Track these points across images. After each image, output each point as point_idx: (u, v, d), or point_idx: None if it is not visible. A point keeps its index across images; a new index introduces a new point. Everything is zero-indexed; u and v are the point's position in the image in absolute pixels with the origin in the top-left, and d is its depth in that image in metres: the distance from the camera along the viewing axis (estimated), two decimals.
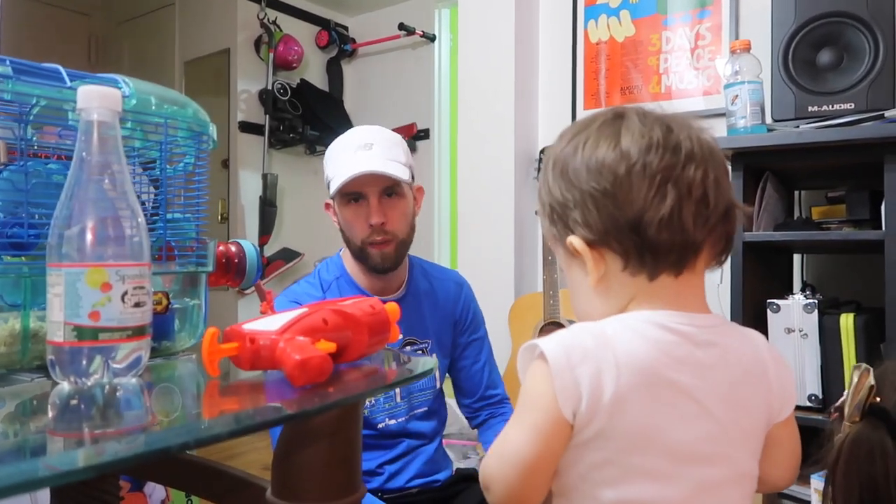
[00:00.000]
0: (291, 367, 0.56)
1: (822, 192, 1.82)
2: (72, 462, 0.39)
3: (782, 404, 0.66)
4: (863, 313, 1.47)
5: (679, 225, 0.60)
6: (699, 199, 0.60)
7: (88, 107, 0.58)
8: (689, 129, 0.63)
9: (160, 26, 3.94)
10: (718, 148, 0.64)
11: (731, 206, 0.62)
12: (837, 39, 1.61)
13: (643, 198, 0.60)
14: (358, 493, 0.64)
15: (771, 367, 0.65)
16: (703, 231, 0.61)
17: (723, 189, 0.61)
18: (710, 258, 0.64)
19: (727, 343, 0.64)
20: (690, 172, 0.60)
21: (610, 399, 0.58)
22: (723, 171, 0.63)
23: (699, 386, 0.61)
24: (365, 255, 1.22)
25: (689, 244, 0.61)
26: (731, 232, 0.63)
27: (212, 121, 0.82)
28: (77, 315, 0.55)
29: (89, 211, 0.56)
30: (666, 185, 0.60)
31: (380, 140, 1.21)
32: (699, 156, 0.61)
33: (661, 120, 0.63)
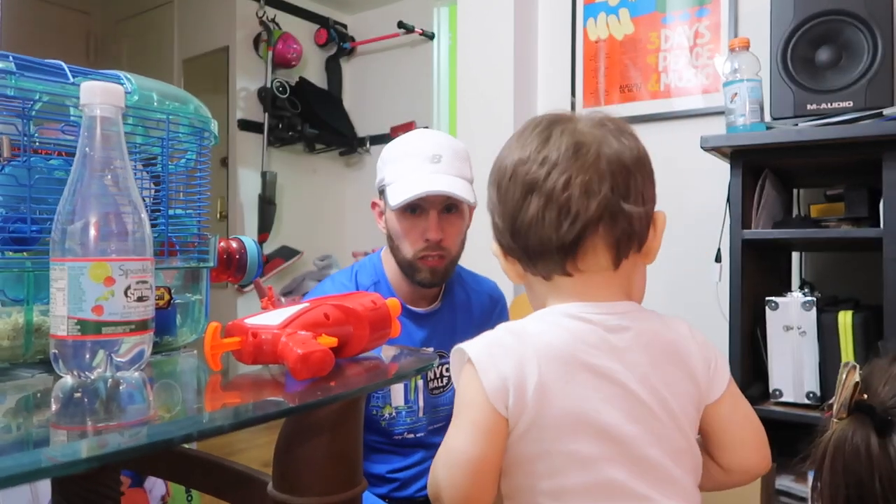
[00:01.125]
0: (293, 362, 0.56)
1: (820, 190, 1.82)
2: (74, 453, 0.40)
3: (709, 385, 0.68)
4: (861, 311, 1.47)
5: (543, 230, 0.64)
6: (562, 204, 0.63)
7: (91, 102, 0.58)
8: (568, 138, 0.65)
9: (159, 24, 3.94)
10: (611, 153, 0.65)
11: (613, 209, 0.64)
12: (836, 37, 1.61)
13: (514, 206, 0.66)
14: (358, 486, 0.64)
15: (693, 350, 0.67)
16: (572, 233, 0.64)
17: (592, 194, 0.63)
18: (607, 256, 0.66)
19: (641, 326, 0.66)
20: (552, 181, 0.64)
21: (534, 389, 0.61)
22: (599, 177, 0.64)
23: (617, 369, 0.63)
24: (414, 268, 1.16)
25: (560, 247, 0.64)
26: (619, 232, 0.65)
27: (214, 120, 0.82)
28: (80, 309, 0.55)
29: (92, 206, 0.57)
30: (531, 193, 0.65)
31: (448, 153, 1.15)
32: (563, 165, 0.64)
33: (545, 133, 0.67)
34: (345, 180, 4.02)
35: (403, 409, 1.22)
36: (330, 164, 3.97)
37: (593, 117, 0.69)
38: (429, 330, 1.23)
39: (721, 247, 1.91)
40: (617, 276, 0.67)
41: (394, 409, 1.22)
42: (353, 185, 3.96)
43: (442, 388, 1.27)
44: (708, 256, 2.03)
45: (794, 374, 1.52)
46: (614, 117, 0.70)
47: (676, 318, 0.70)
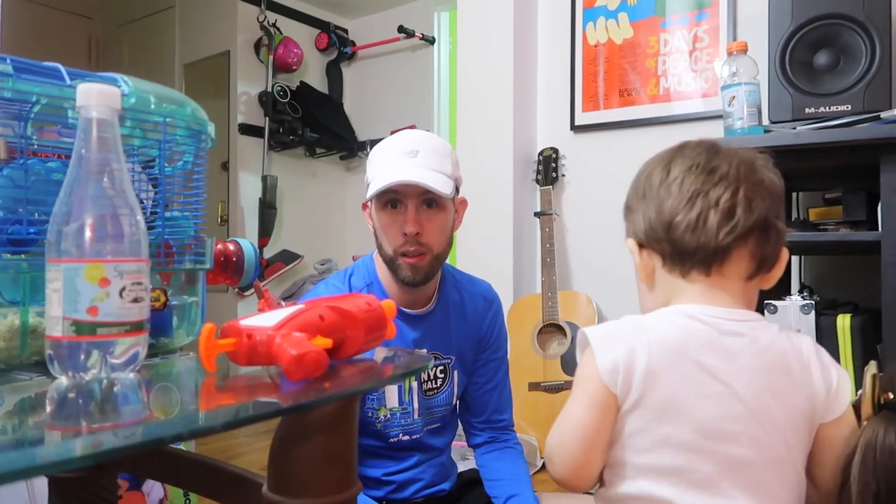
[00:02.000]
0: (288, 362, 0.56)
1: (819, 193, 1.82)
2: (66, 451, 0.40)
3: (827, 403, 0.70)
4: (859, 314, 1.47)
5: (703, 231, 0.70)
6: (725, 211, 0.70)
7: (87, 104, 0.58)
8: (737, 158, 0.73)
9: (160, 29, 3.95)
10: (768, 178, 0.73)
11: (766, 224, 0.71)
12: (834, 41, 1.61)
13: (675, 205, 0.72)
14: (354, 488, 0.64)
15: (815, 365, 0.70)
16: (728, 238, 0.70)
17: (754, 208, 0.70)
18: (748, 267, 0.72)
19: (757, 335, 0.70)
20: (719, 190, 0.71)
21: (642, 372, 0.69)
22: (760, 195, 0.71)
23: (724, 369, 0.68)
24: (396, 265, 1.16)
25: (714, 248, 0.71)
26: (767, 247, 0.72)
27: (211, 123, 0.82)
28: (75, 310, 0.55)
29: (88, 207, 0.57)
30: (696, 197, 0.71)
31: (426, 148, 1.15)
32: (732, 177, 0.71)
33: (713, 150, 0.75)
34: (345, 184, 4.03)
35: (398, 410, 1.22)
36: (330, 168, 3.98)
37: (744, 148, 0.77)
38: (422, 331, 1.23)
39: None
40: (746, 288, 0.73)
41: (388, 411, 1.22)
42: (354, 190, 3.97)
43: (436, 390, 1.27)
44: None
45: None
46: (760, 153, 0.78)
47: (802, 335, 0.74)
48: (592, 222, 2.45)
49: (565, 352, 2.29)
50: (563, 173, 2.51)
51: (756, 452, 0.67)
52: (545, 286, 2.34)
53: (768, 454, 0.68)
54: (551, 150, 2.51)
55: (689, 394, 0.68)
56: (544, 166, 2.49)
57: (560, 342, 2.34)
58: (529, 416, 2.28)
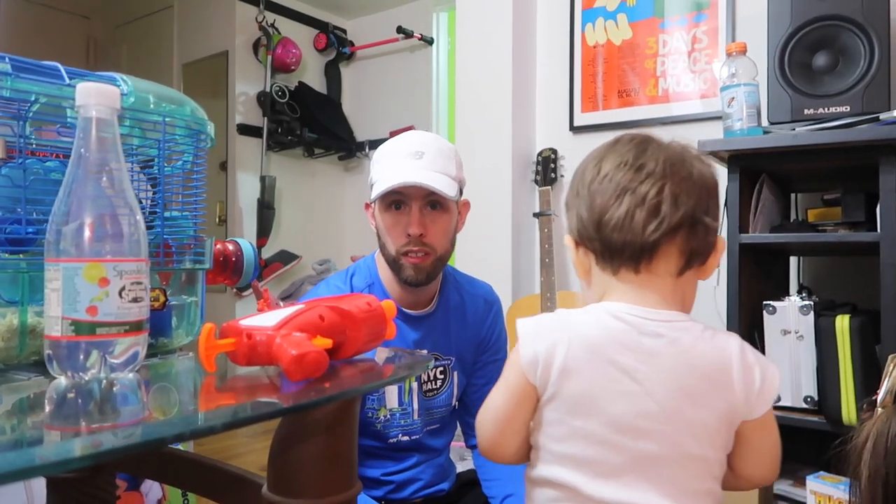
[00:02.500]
0: (288, 362, 0.56)
1: (818, 194, 1.82)
2: (65, 452, 0.40)
3: (748, 405, 0.71)
4: (858, 315, 1.47)
5: (630, 228, 0.71)
6: (651, 208, 0.71)
7: (87, 103, 0.58)
8: (665, 154, 0.74)
9: (159, 29, 3.95)
10: (698, 173, 0.74)
11: (693, 219, 0.71)
12: (833, 42, 1.61)
13: (605, 203, 0.73)
14: (353, 488, 0.64)
15: (735, 369, 0.71)
16: (655, 235, 0.71)
17: (680, 204, 0.71)
18: (677, 263, 0.73)
19: (677, 336, 0.72)
20: (646, 187, 0.71)
21: (559, 368, 0.72)
22: (687, 191, 0.72)
23: (640, 369, 0.71)
24: (398, 265, 1.16)
25: (641, 245, 0.72)
26: (694, 242, 0.72)
27: (210, 122, 0.82)
28: (74, 310, 0.55)
29: (87, 207, 0.57)
30: (624, 194, 0.72)
31: (432, 150, 1.15)
32: (659, 174, 0.72)
33: (643, 145, 0.75)
34: (344, 185, 4.02)
35: (398, 411, 1.22)
36: (329, 168, 3.98)
37: (678, 142, 0.77)
38: (423, 332, 1.23)
39: None
40: (677, 284, 0.74)
41: (388, 412, 1.21)
42: (352, 190, 3.97)
43: (436, 391, 1.26)
44: None
45: (791, 379, 1.52)
46: (693, 146, 0.78)
47: (730, 335, 0.74)
48: None
49: None
50: (562, 174, 2.51)
51: (667, 449, 0.70)
52: (544, 286, 2.34)
53: (679, 451, 0.70)
54: (550, 150, 2.51)
55: (603, 390, 0.71)
56: (543, 167, 2.49)
57: None
58: None
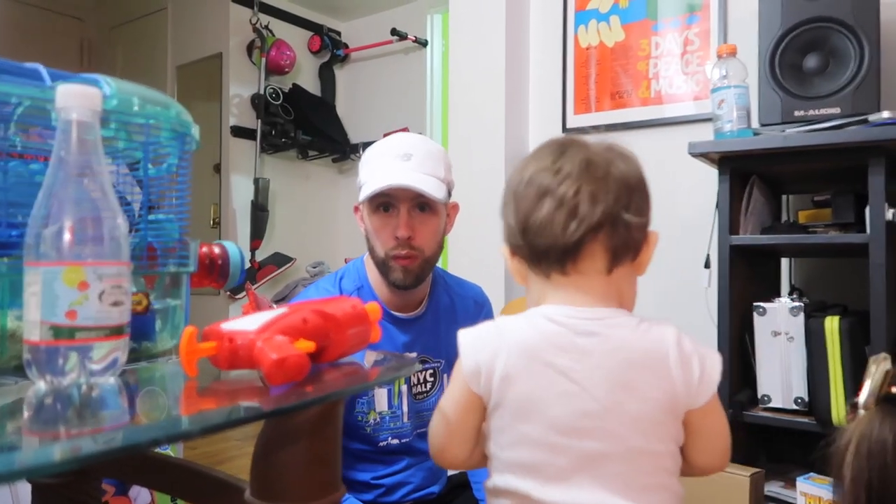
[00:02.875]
0: (268, 366, 0.56)
1: (808, 196, 1.83)
2: (44, 457, 0.39)
3: (689, 394, 0.71)
4: (848, 316, 1.47)
5: (552, 230, 0.72)
6: (570, 209, 0.71)
7: (67, 106, 0.58)
8: (582, 154, 0.74)
9: (153, 31, 3.94)
10: (617, 171, 0.74)
11: (613, 217, 0.72)
12: (823, 44, 1.62)
13: (527, 208, 0.74)
14: (337, 492, 0.64)
15: (672, 359, 0.71)
16: (575, 235, 0.71)
17: (598, 202, 0.72)
18: (603, 260, 0.74)
19: (611, 333, 0.72)
20: (564, 188, 0.72)
21: (500, 376, 0.73)
22: (605, 189, 0.72)
23: (576, 369, 0.71)
24: (387, 268, 1.16)
25: (563, 246, 0.72)
26: (617, 239, 0.73)
27: (204, 125, 0.82)
28: (54, 314, 0.55)
29: (67, 210, 0.56)
30: (544, 197, 0.73)
31: (420, 151, 1.15)
32: (576, 175, 0.73)
33: (562, 148, 0.76)
34: (338, 187, 4.02)
35: (387, 414, 1.22)
36: (323, 170, 3.97)
37: (601, 142, 0.77)
38: (412, 335, 1.23)
39: (710, 253, 1.91)
40: (610, 281, 0.75)
41: (378, 415, 1.21)
42: (347, 192, 3.97)
43: (426, 394, 1.26)
44: (697, 262, 2.03)
45: (782, 380, 1.52)
46: (619, 144, 0.78)
47: (666, 326, 0.74)
48: None
49: None
50: None
51: (611, 446, 0.70)
52: None
53: (625, 446, 0.70)
54: None
55: (543, 393, 0.71)
56: None
57: None
58: None
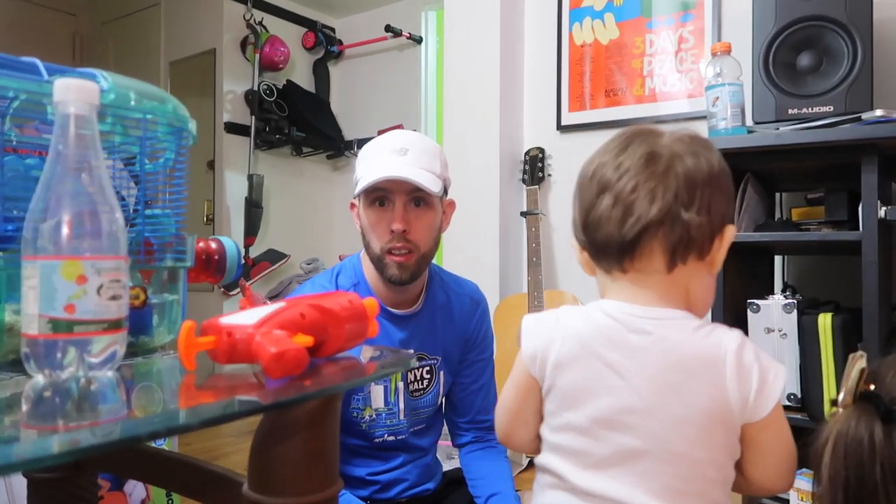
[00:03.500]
0: (267, 360, 0.56)
1: (802, 193, 1.84)
2: (42, 449, 0.39)
3: (745, 406, 0.69)
4: (841, 313, 1.48)
5: (609, 226, 0.72)
6: (627, 205, 0.71)
7: (65, 100, 0.57)
8: (644, 148, 0.73)
9: (145, 26, 3.92)
10: (682, 168, 0.71)
11: (671, 215, 0.70)
12: (817, 43, 1.63)
13: (588, 203, 0.75)
14: (335, 486, 0.64)
15: (730, 367, 0.69)
16: (632, 232, 0.71)
17: (656, 200, 0.70)
18: (662, 260, 0.72)
19: (666, 333, 0.72)
20: (622, 184, 0.72)
21: (553, 362, 0.75)
22: (664, 186, 0.71)
23: (625, 365, 0.72)
24: (383, 264, 1.16)
25: (619, 243, 0.72)
26: (674, 238, 0.71)
27: (197, 122, 0.82)
28: (52, 308, 0.55)
29: (65, 204, 0.56)
30: (603, 193, 0.73)
31: (416, 147, 1.15)
32: (634, 171, 0.72)
33: (627, 141, 0.75)
34: (332, 184, 4.02)
35: (384, 411, 1.22)
36: (317, 167, 3.97)
37: (675, 133, 0.75)
38: (409, 331, 1.23)
39: None
40: (672, 280, 0.73)
41: (374, 412, 1.21)
42: (341, 189, 3.96)
43: (422, 391, 1.26)
44: None
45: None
46: (698, 135, 0.76)
47: (729, 333, 0.72)
48: None
49: None
50: (550, 173, 2.52)
51: (650, 445, 0.70)
52: (531, 285, 2.35)
53: (663, 447, 0.70)
54: (538, 149, 2.51)
55: (590, 384, 0.73)
56: (531, 166, 2.49)
57: None
58: None
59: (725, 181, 0.75)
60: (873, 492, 0.60)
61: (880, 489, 0.60)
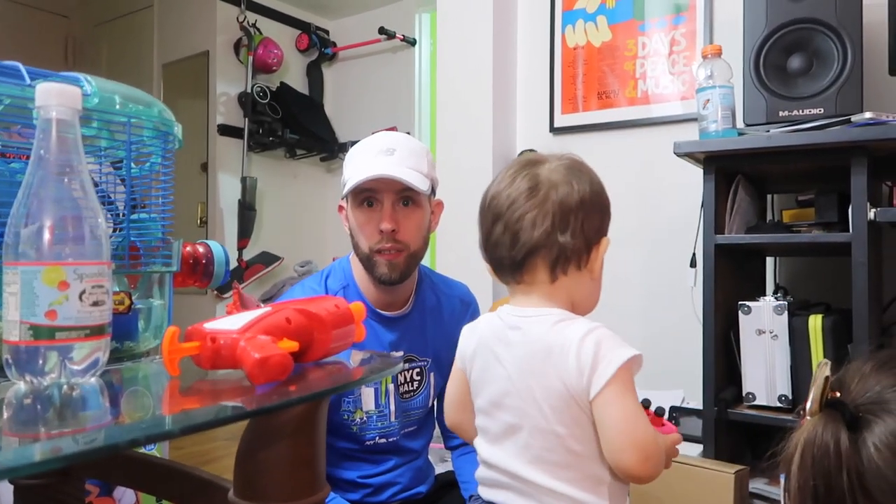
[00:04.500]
0: (251, 366, 0.55)
1: (793, 195, 1.84)
2: (22, 458, 0.39)
3: (583, 382, 0.79)
4: (831, 314, 1.49)
5: (502, 249, 0.86)
6: (514, 232, 0.84)
7: (47, 104, 0.57)
8: (528, 181, 0.86)
9: (138, 28, 3.91)
10: (557, 196, 0.84)
11: (549, 240, 0.83)
12: (807, 45, 1.63)
13: (487, 230, 0.88)
14: (321, 492, 0.64)
15: (571, 353, 0.80)
16: (519, 255, 0.84)
17: (536, 228, 0.83)
18: (545, 273, 0.85)
19: (530, 328, 0.86)
20: (510, 214, 0.85)
21: (468, 356, 0.92)
22: (543, 214, 0.83)
23: (505, 356, 0.86)
24: (372, 263, 1.16)
25: (510, 263, 0.86)
26: (553, 256, 0.84)
27: (190, 124, 0.81)
28: (33, 314, 0.54)
29: (47, 209, 0.56)
30: (497, 220, 0.86)
31: (403, 147, 1.16)
32: (519, 202, 0.85)
33: (517, 172, 0.88)
34: (326, 186, 4.01)
35: (374, 413, 1.22)
36: (311, 169, 3.96)
37: (554, 163, 0.88)
38: (399, 333, 1.23)
39: (696, 252, 1.93)
40: (556, 287, 0.87)
41: (364, 414, 1.21)
42: (335, 191, 3.95)
43: (413, 392, 1.26)
44: (684, 262, 2.04)
45: (766, 378, 1.53)
46: (576, 161, 0.90)
47: (581, 324, 0.83)
48: None
49: None
50: None
51: (522, 421, 0.83)
52: None
53: (531, 423, 0.82)
54: (530, 151, 2.51)
55: (486, 374, 0.89)
56: None
57: None
58: None
59: (598, 202, 0.87)
60: (840, 499, 0.60)
61: (847, 497, 0.59)
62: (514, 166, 0.90)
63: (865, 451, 0.60)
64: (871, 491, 0.58)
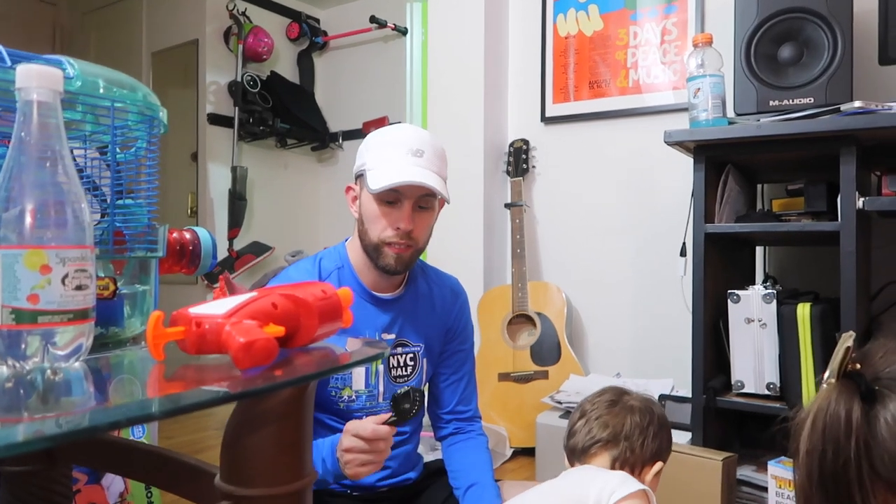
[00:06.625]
0: (236, 350, 0.55)
1: (783, 184, 1.85)
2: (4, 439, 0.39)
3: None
4: (819, 303, 1.50)
5: (578, 436, 1.09)
6: (589, 426, 1.09)
7: (27, 86, 0.56)
8: (612, 396, 1.12)
9: (127, 16, 3.87)
10: (626, 409, 1.09)
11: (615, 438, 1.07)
12: (798, 35, 1.64)
13: (573, 421, 1.12)
14: (307, 477, 0.64)
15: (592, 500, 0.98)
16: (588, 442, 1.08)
17: (608, 427, 1.07)
18: (607, 462, 1.06)
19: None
20: (590, 413, 1.10)
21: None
22: (613, 419, 1.08)
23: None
24: (379, 252, 1.19)
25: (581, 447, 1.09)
26: (616, 452, 1.07)
27: (180, 113, 0.80)
28: (15, 298, 0.54)
29: (28, 193, 0.55)
30: (582, 417, 1.11)
31: (431, 150, 1.19)
32: (599, 409, 1.10)
33: (603, 391, 1.14)
34: (317, 176, 3.99)
35: (364, 393, 1.23)
36: (302, 159, 3.94)
37: (639, 396, 1.15)
38: (392, 315, 1.25)
39: (686, 241, 1.93)
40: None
41: (353, 392, 1.22)
42: (326, 181, 3.94)
43: (406, 378, 1.27)
44: (675, 251, 2.05)
45: (755, 366, 1.54)
46: (650, 399, 1.15)
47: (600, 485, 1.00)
48: (562, 213, 2.46)
49: (535, 342, 2.30)
50: (534, 165, 2.52)
51: None
52: (515, 277, 2.35)
53: None
54: (522, 141, 2.51)
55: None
56: (515, 158, 2.49)
57: (530, 333, 2.35)
58: (499, 407, 2.29)
59: (661, 432, 1.08)
60: (846, 464, 0.61)
61: (853, 462, 0.61)
62: (604, 391, 1.15)
63: (877, 424, 0.61)
64: (875, 464, 0.59)
